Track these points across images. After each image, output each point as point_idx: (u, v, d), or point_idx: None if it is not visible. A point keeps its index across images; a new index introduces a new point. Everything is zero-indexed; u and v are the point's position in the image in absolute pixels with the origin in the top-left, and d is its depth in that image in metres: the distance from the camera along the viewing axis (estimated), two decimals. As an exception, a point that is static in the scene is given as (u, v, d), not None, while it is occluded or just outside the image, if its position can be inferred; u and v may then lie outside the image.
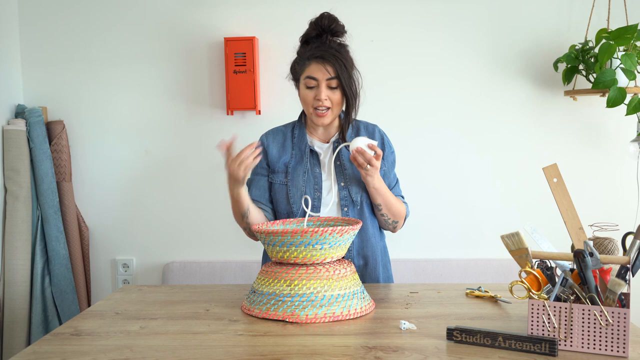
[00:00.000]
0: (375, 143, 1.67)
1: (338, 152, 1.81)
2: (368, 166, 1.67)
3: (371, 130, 1.89)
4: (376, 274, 1.83)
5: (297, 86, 1.84)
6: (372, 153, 1.67)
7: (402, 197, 1.92)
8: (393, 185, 1.89)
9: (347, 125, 1.82)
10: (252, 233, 1.82)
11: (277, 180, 1.84)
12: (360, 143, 1.66)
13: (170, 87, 2.58)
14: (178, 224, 2.63)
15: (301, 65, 1.78)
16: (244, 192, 1.71)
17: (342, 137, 1.84)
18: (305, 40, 1.80)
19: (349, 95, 1.76)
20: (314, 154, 1.84)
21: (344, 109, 1.83)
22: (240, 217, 1.76)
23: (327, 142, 1.87)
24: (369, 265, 1.82)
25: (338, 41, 1.79)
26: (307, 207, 1.68)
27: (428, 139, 2.55)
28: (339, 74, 1.73)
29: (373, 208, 1.84)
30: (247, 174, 1.65)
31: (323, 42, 1.76)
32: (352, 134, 1.86)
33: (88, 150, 2.61)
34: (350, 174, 1.81)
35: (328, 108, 1.76)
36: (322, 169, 1.83)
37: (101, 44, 2.58)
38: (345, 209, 1.79)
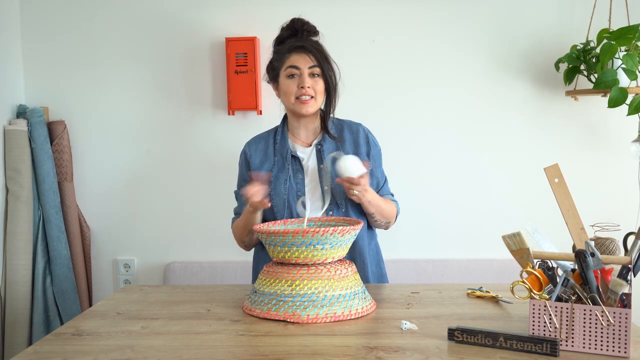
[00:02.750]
0: (363, 172, 1.65)
1: (321, 156, 1.82)
2: (356, 192, 1.67)
3: (355, 130, 1.88)
4: (365, 273, 1.82)
5: (276, 86, 1.85)
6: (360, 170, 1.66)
7: (392, 195, 1.91)
8: (382, 184, 1.89)
9: (327, 118, 1.83)
10: (247, 245, 1.86)
11: None
12: (348, 171, 1.64)
13: (171, 87, 2.58)
14: (179, 224, 2.62)
15: (280, 60, 1.80)
16: (258, 215, 1.74)
17: (324, 128, 1.83)
18: (280, 40, 1.83)
19: (330, 84, 1.78)
20: (295, 159, 1.83)
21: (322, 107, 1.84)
22: (246, 233, 1.79)
23: (310, 146, 1.86)
24: (356, 265, 1.81)
25: (314, 39, 1.82)
26: (305, 208, 1.68)
27: (429, 139, 2.54)
28: (320, 62, 1.76)
29: (359, 210, 1.82)
30: (260, 202, 1.66)
31: (299, 37, 1.80)
32: (335, 133, 1.86)
33: (89, 150, 2.61)
34: (334, 176, 1.79)
35: (311, 97, 1.77)
36: (305, 174, 1.82)
37: (102, 44, 2.58)
38: (330, 212, 1.78)
